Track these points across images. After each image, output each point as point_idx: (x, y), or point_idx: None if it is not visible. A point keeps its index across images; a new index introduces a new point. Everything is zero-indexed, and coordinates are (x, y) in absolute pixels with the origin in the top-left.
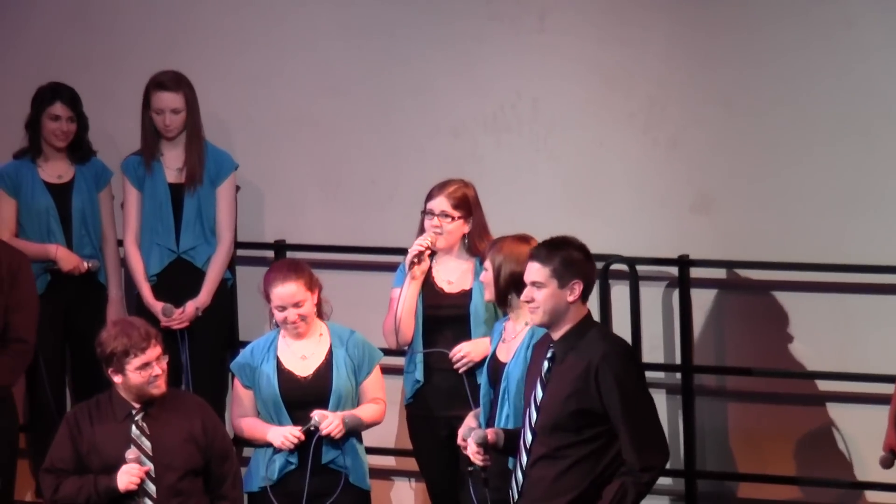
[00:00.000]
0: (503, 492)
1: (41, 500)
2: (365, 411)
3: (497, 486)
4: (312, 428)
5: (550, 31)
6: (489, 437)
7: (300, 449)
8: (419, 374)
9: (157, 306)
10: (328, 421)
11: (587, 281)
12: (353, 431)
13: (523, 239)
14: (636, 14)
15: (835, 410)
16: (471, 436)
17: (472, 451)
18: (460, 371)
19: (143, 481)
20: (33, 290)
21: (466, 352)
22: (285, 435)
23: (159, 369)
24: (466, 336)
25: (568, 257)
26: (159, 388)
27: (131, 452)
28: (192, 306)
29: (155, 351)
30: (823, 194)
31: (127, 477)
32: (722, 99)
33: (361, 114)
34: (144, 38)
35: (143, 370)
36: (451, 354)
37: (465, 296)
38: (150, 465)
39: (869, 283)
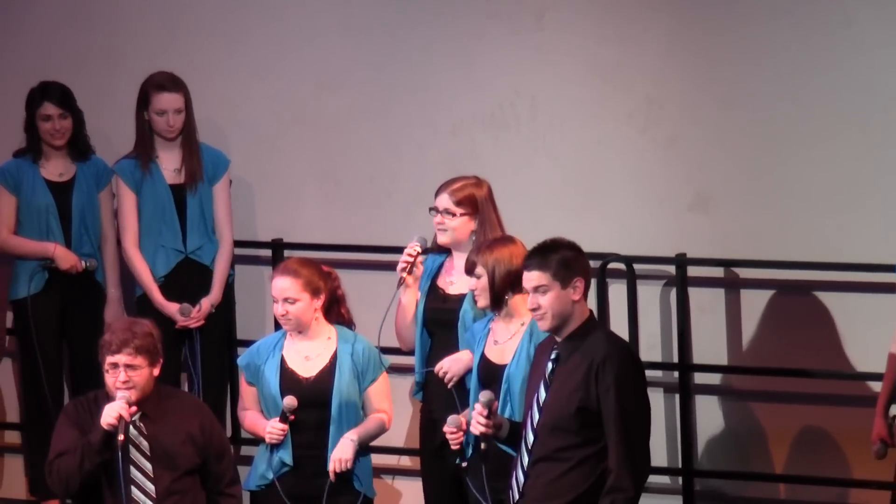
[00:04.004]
0: (502, 492)
1: (34, 497)
2: (372, 423)
3: (495, 487)
4: (288, 413)
5: (549, 29)
6: (495, 404)
7: (296, 450)
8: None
9: (172, 307)
10: (336, 463)
11: (587, 277)
12: (363, 442)
13: (507, 238)
14: (635, 12)
15: (833, 409)
16: (479, 396)
17: (477, 412)
18: (449, 387)
19: (125, 422)
20: None
21: (447, 368)
22: (268, 431)
23: (125, 376)
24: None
25: (564, 257)
26: (124, 398)
27: (122, 396)
28: (207, 303)
29: (125, 358)
30: (822, 193)
31: (107, 410)
32: (720, 97)
33: (359, 111)
34: (141, 37)
35: (111, 370)
36: (435, 370)
37: (463, 299)
38: (135, 409)
39: (867, 281)
